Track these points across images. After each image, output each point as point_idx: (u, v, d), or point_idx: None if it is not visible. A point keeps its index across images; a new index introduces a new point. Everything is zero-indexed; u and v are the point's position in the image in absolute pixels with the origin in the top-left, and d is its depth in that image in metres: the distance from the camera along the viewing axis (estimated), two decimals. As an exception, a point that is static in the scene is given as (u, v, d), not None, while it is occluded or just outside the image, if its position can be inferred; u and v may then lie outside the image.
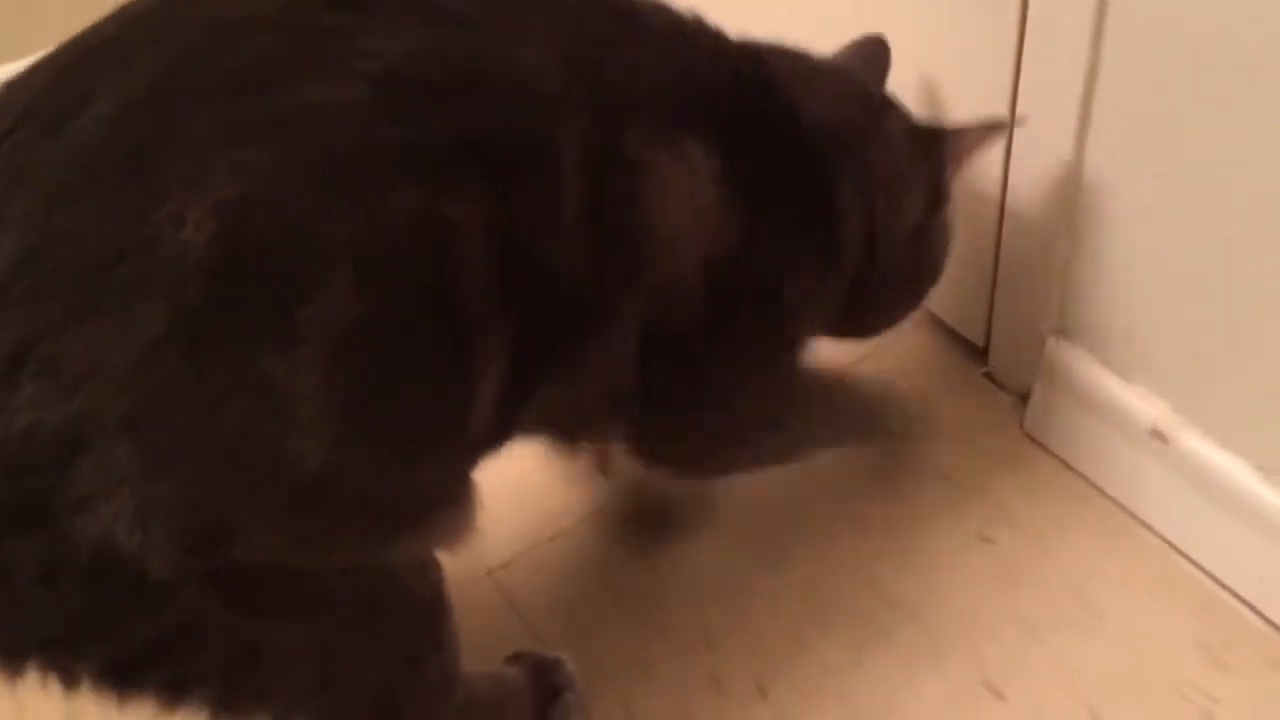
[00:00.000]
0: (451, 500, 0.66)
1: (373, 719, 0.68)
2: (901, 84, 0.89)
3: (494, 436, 0.67)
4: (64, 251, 0.49)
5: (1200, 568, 0.88)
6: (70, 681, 0.54)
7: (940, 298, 1.02)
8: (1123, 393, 0.90)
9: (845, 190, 0.76)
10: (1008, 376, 1.02)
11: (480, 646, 0.84)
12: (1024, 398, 0.99)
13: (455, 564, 0.69)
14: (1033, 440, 0.98)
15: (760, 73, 0.74)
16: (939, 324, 1.06)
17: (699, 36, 0.73)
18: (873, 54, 0.88)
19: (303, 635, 0.61)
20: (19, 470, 0.49)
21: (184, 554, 0.51)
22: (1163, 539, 0.90)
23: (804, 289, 0.76)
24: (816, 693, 0.84)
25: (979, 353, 1.04)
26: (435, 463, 0.63)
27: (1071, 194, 0.87)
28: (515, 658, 0.85)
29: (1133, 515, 0.92)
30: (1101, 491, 0.94)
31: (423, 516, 0.64)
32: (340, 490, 0.56)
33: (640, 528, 0.95)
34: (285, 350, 0.51)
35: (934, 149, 0.82)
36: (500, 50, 0.61)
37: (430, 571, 0.68)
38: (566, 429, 0.77)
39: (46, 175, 0.50)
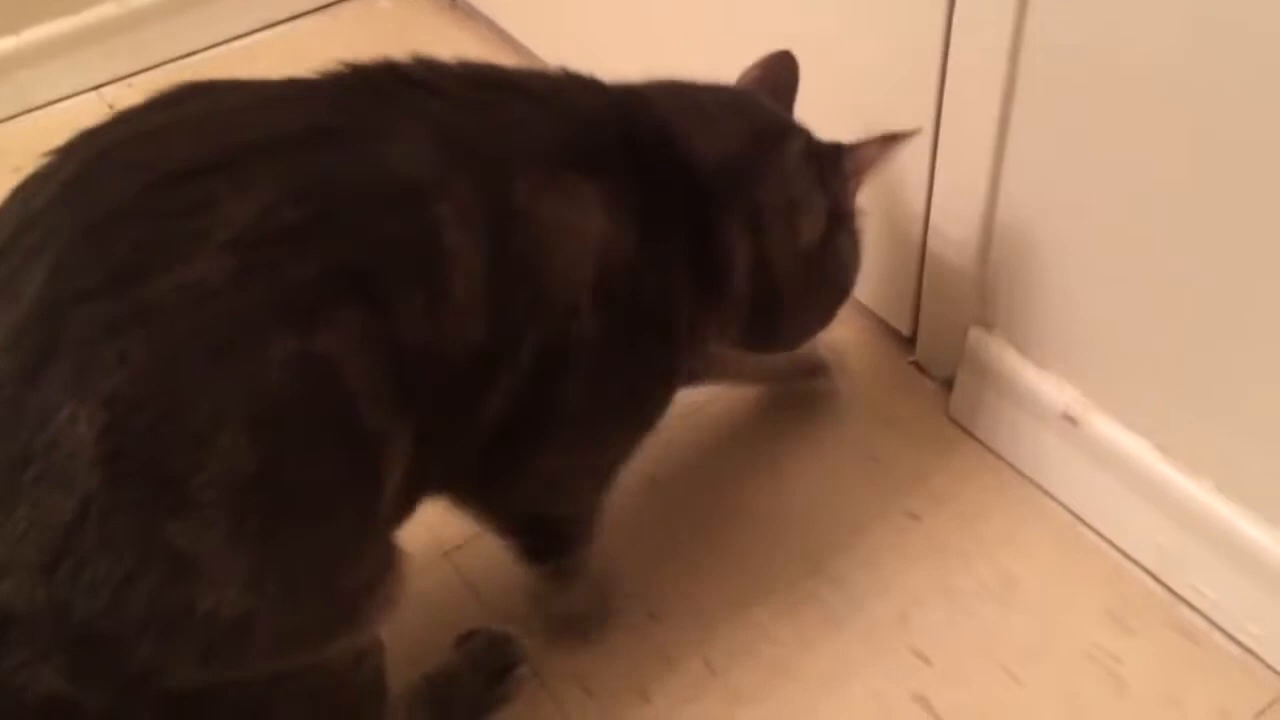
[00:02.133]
0: (376, 584, 0.68)
1: None
2: (825, 98, 0.91)
3: (405, 510, 0.71)
4: None
5: (1106, 539, 0.95)
6: None
7: (869, 290, 1.08)
8: (1037, 379, 0.96)
9: (730, 222, 0.78)
10: (933, 364, 1.08)
11: (438, 624, 0.89)
12: (948, 384, 1.05)
13: (413, 545, 0.71)
14: (956, 424, 1.04)
15: (642, 114, 0.77)
16: (868, 314, 1.11)
17: (573, 89, 0.76)
18: (780, 71, 0.89)
19: None
20: None
21: (118, 694, 0.59)
22: (1072, 513, 0.97)
23: (687, 315, 0.78)
24: (761, 666, 0.89)
25: (906, 342, 1.09)
26: (355, 562, 0.66)
27: (990, 200, 0.93)
28: (469, 635, 0.88)
29: (1046, 492, 0.98)
30: (1018, 471, 1.00)
31: (352, 613, 0.67)
32: (264, 622, 0.61)
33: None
34: (186, 517, 0.57)
35: (833, 167, 0.84)
36: (366, 154, 0.63)
37: (367, 659, 0.71)
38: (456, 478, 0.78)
39: None
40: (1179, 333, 0.84)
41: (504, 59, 1.45)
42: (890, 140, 0.86)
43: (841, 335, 1.08)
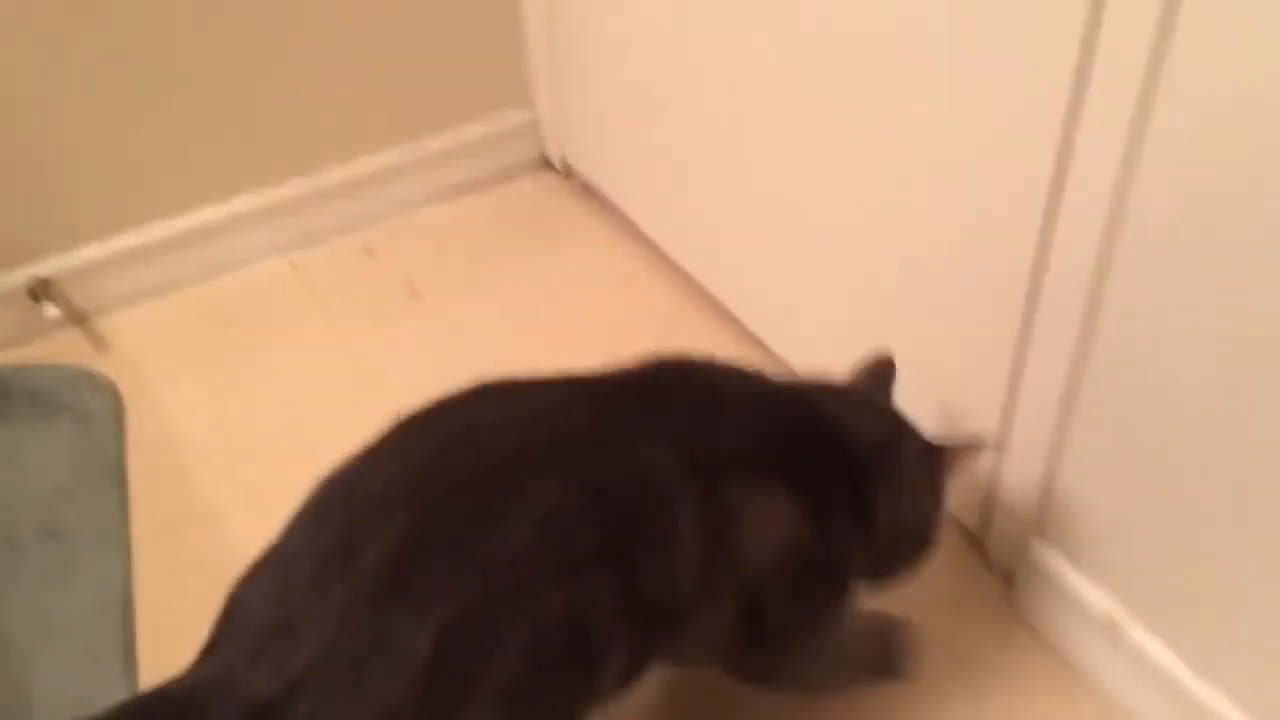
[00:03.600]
0: None
1: None
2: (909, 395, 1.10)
3: (610, 697, 0.90)
4: (340, 652, 0.74)
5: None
6: None
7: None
8: (1086, 588, 1.12)
9: (879, 491, 1.00)
10: (998, 561, 1.24)
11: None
12: (1009, 578, 1.22)
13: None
14: (1018, 615, 1.19)
15: (812, 407, 1.01)
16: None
17: (765, 393, 1.00)
18: (882, 372, 1.12)
19: None
20: None
21: None
22: (1124, 707, 1.10)
23: (853, 562, 1.00)
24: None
25: (975, 540, 1.26)
26: None
27: (1054, 452, 1.11)
28: None
29: (1099, 685, 1.12)
30: (1074, 664, 1.14)
31: None
32: None
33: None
34: (471, 708, 0.76)
35: (936, 462, 1.05)
36: (624, 457, 0.86)
37: None
38: (672, 662, 1.01)
39: (335, 603, 0.76)
40: (1210, 561, 0.98)
41: (628, 248, 1.67)
42: (974, 449, 1.07)
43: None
